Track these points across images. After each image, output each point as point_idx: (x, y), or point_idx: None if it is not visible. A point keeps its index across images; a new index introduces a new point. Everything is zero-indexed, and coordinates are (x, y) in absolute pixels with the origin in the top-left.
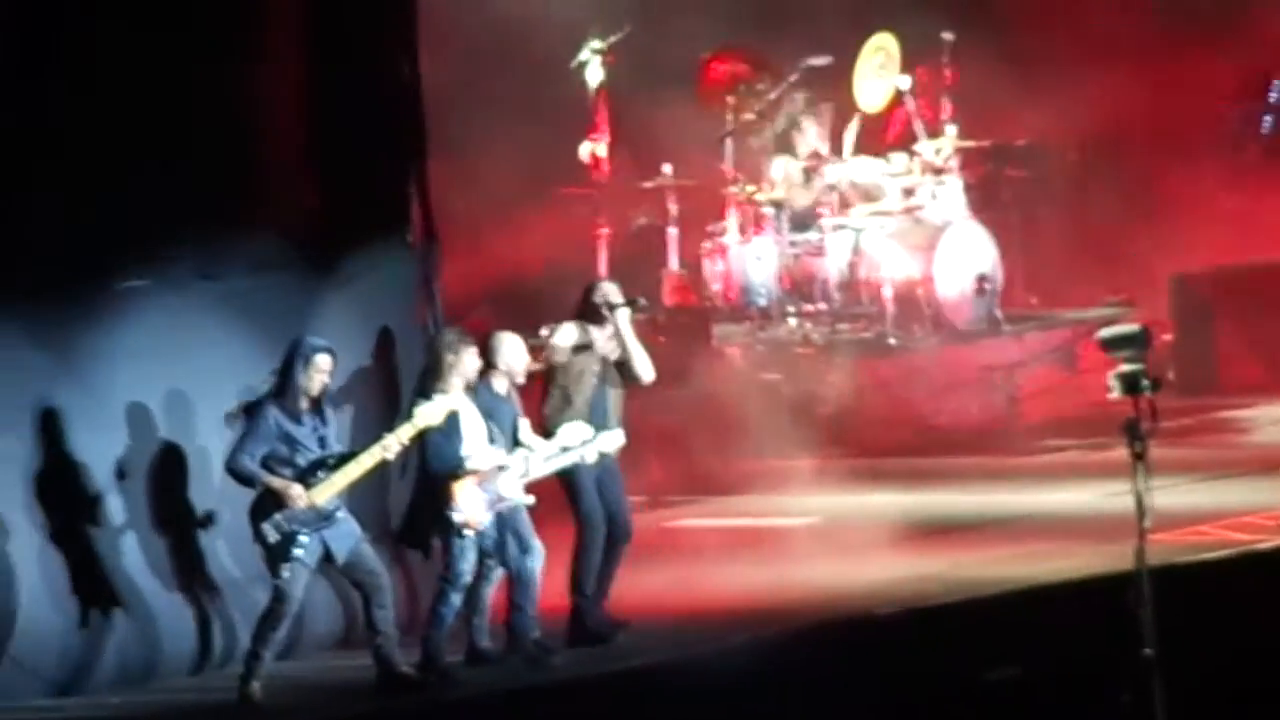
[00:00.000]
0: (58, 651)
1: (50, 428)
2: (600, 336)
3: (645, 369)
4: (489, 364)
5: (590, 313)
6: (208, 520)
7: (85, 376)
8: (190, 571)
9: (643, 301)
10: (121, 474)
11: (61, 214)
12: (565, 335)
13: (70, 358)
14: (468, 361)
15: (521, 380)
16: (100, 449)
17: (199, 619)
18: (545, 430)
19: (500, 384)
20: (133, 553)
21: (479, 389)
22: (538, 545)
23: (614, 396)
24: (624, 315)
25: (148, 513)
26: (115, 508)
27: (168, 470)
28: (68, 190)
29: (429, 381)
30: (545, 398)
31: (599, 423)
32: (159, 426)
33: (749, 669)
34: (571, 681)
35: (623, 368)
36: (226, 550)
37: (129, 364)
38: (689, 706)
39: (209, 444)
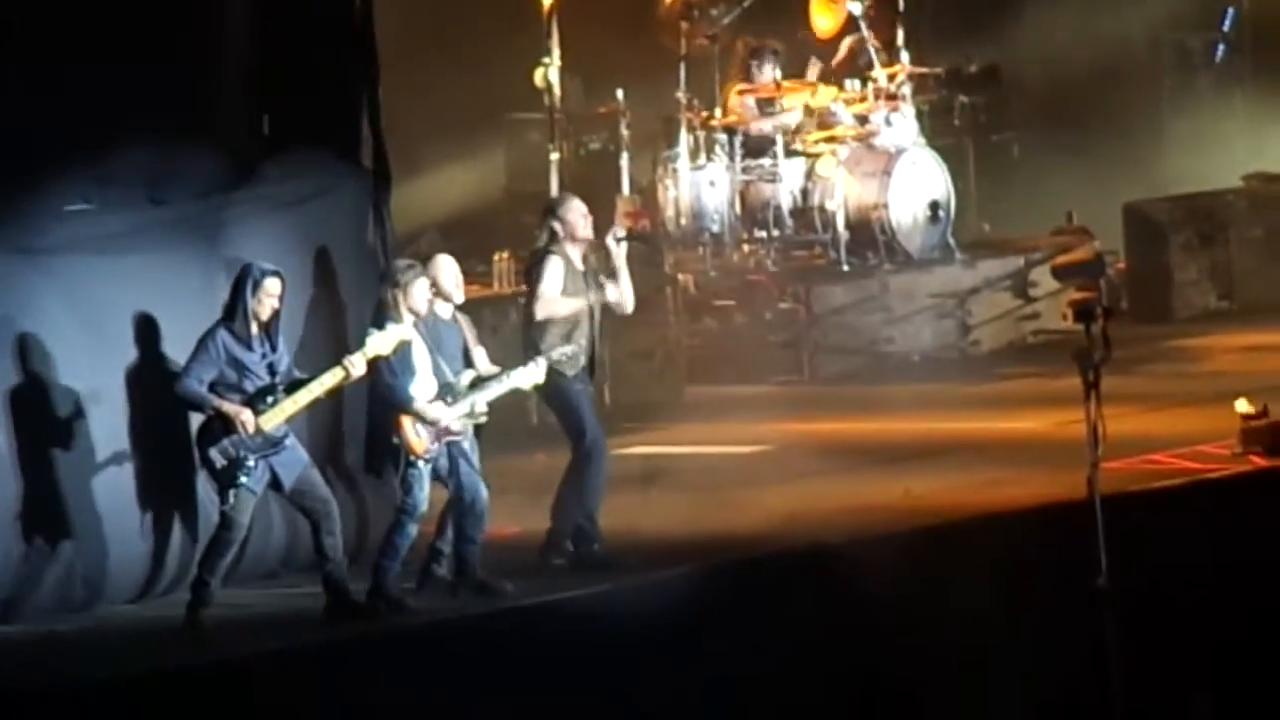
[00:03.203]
0: None
1: (12, 352)
2: (575, 256)
3: (631, 300)
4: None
5: (567, 235)
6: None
7: (46, 299)
8: (150, 495)
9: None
10: (83, 397)
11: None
12: (553, 279)
13: (29, 280)
14: (416, 294)
15: (459, 300)
16: (64, 373)
17: (148, 544)
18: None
19: (444, 309)
20: (92, 476)
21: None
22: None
23: (599, 323)
24: (624, 247)
25: (106, 437)
26: (76, 431)
27: (130, 393)
28: (12, 107)
29: (381, 314)
30: (541, 334)
31: (590, 351)
32: (121, 350)
33: (696, 598)
34: (521, 610)
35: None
36: (191, 471)
37: (86, 287)
38: (637, 635)
39: (171, 366)
